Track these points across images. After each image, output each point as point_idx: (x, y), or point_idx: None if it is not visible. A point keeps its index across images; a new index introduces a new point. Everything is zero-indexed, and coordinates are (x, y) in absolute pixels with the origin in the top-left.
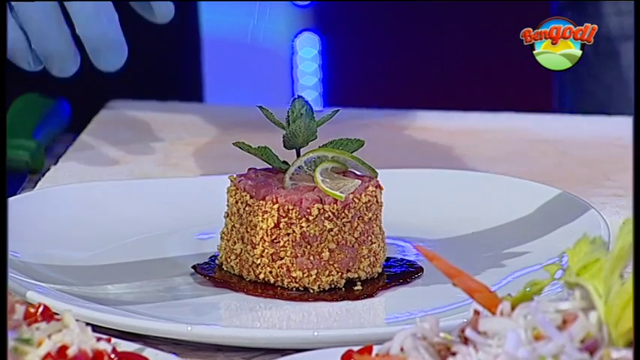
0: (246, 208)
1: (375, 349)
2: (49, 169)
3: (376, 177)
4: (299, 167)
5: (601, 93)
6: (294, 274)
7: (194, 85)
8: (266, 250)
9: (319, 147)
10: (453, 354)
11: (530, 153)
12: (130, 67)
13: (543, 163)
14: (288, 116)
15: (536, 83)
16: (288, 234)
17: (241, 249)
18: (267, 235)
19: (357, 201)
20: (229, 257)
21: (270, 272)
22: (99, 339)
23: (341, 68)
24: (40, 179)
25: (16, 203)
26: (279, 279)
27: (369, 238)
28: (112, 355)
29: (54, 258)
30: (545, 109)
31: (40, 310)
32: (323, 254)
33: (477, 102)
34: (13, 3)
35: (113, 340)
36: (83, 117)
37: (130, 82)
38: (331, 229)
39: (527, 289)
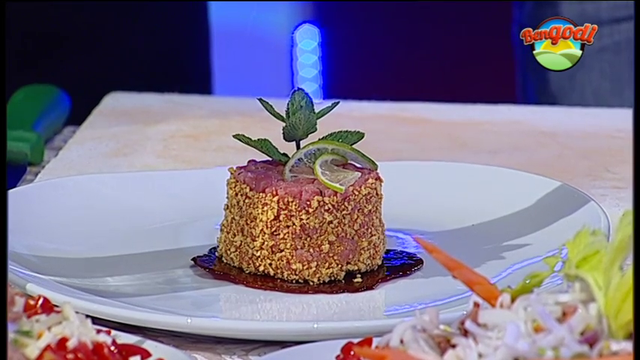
0: (246, 201)
1: (375, 341)
2: (49, 161)
3: (376, 169)
4: (299, 159)
5: (563, 79)
6: (293, 267)
7: (202, 78)
8: (266, 243)
9: (319, 139)
10: (453, 346)
11: (530, 145)
12: (133, 61)
13: (543, 155)
14: (288, 108)
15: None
16: (288, 226)
17: (241, 241)
18: (267, 228)
19: (356, 193)
20: (229, 249)
21: (270, 264)
22: (99, 331)
23: (341, 60)
24: (40, 171)
25: (16, 195)
26: (278, 271)
27: (369, 230)
28: (112, 347)
29: (54, 250)
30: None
31: (40, 302)
32: (323, 246)
33: (477, 94)
34: None
35: (113, 332)
36: (83, 109)
37: (133, 76)
38: (331, 222)
39: (527, 282)
